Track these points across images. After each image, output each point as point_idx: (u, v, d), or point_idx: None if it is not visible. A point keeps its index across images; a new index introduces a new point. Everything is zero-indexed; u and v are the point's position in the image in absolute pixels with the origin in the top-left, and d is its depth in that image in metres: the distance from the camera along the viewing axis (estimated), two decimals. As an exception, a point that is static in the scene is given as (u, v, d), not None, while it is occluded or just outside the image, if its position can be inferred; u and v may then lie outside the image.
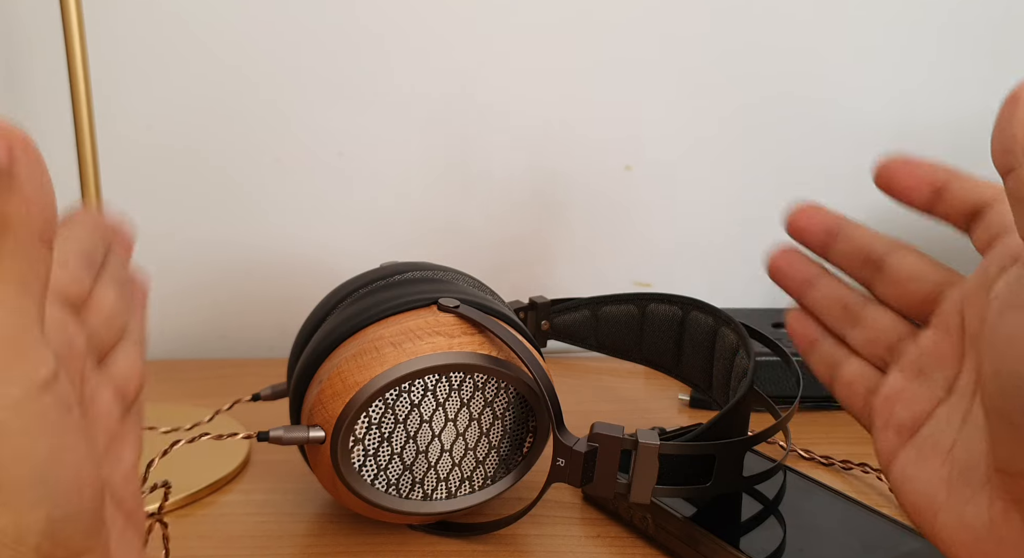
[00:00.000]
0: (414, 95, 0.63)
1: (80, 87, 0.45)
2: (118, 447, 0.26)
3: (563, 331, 0.54)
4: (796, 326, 0.35)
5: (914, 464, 0.28)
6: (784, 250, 0.35)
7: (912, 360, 0.30)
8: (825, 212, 0.34)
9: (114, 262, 0.29)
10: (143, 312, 0.31)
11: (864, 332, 0.32)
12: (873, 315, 0.32)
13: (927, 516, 0.26)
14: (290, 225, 0.65)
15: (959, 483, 0.25)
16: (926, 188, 0.29)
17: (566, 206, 0.66)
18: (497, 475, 0.38)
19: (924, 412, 0.28)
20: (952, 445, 0.26)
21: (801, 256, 0.35)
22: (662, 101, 0.65)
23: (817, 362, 0.34)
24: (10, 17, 0.60)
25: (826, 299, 0.34)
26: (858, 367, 0.32)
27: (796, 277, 0.34)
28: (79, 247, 0.26)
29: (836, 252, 0.33)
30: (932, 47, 0.65)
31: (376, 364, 0.35)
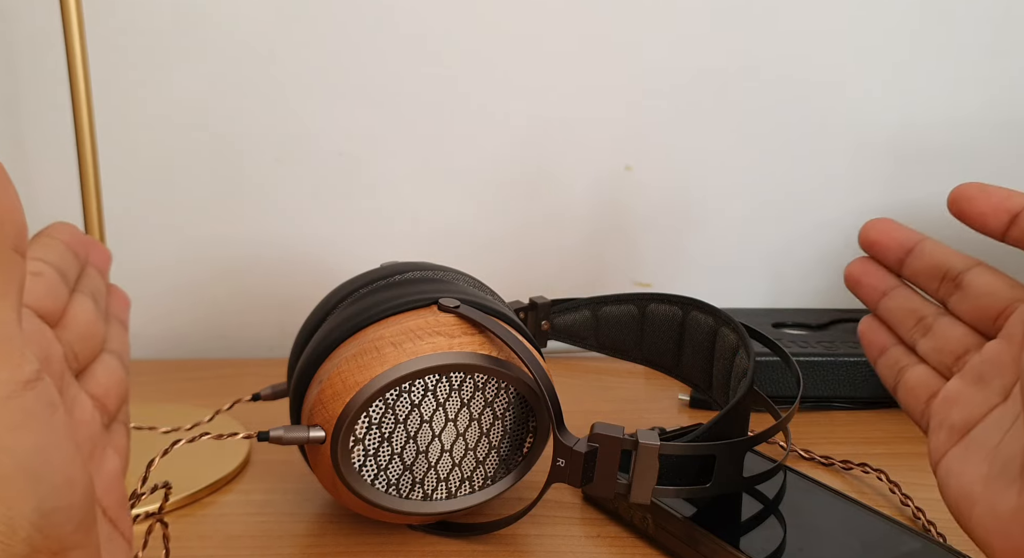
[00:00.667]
0: (414, 95, 0.63)
1: (80, 87, 0.45)
2: (100, 456, 0.26)
3: (563, 331, 0.54)
4: (868, 334, 0.37)
5: (959, 462, 0.29)
6: (862, 260, 0.36)
7: (974, 367, 0.31)
8: (901, 228, 0.35)
9: (91, 275, 0.30)
10: (124, 326, 0.32)
11: (934, 342, 0.33)
12: (944, 326, 0.33)
13: (964, 510, 0.28)
14: (290, 225, 0.65)
15: (996, 478, 0.27)
16: (1003, 215, 0.31)
17: (566, 206, 0.66)
18: (497, 475, 0.38)
19: (978, 415, 0.30)
20: (998, 444, 0.28)
21: (877, 266, 0.36)
22: (662, 101, 0.65)
23: (884, 367, 0.36)
24: (10, 17, 0.60)
25: (900, 309, 0.35)
26: (923, 373, 0.34)
27: (873, 286, 0.36)
28: (54, 260, 0.27)
29: (911, 268, 0.34)
30: (933, 47, 0.65)
31: (376, 364, 0.35)
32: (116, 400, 0.28)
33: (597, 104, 0.65)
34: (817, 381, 0.53)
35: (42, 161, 0.62)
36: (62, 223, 0.30)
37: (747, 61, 0.64)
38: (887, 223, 0.35)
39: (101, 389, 0.27)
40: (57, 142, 0.62)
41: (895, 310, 0.35)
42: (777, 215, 0.67)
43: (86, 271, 0.30)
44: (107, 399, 0.27)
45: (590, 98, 0.64)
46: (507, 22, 0.63)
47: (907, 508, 0.41)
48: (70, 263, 0.28)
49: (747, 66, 0.64)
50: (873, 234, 0.35)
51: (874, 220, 0.36)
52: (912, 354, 0.35)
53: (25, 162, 0.62)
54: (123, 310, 0.32)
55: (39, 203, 0.63)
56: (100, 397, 0.27)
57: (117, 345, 0.30)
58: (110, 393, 0.28)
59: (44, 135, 0.62)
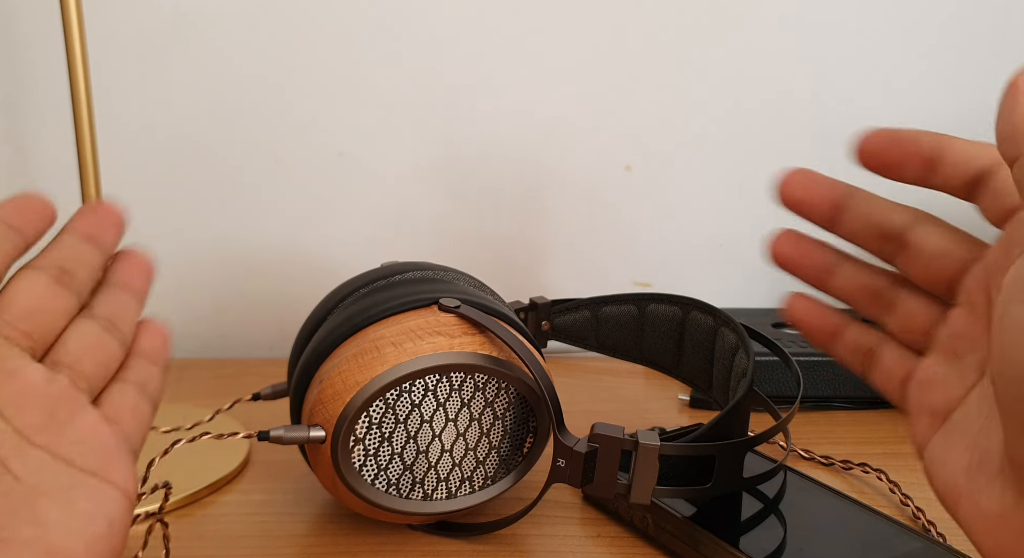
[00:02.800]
0: (414, 95, 0.63)
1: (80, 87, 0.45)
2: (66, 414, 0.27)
3: (563, 331, 0.55)
4: (809, 318, 0.32)
5: (942, 449, 0.27)
6: (787, 234, 0.31)
7: (944, 342, 0.28)
8: (825, 180, 0.31)
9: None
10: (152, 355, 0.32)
11: (899, 319, 0.30)
12: (905, 300, 0.29)
13: (951, 502, 0.26)
14: (290, 225, 0.65)
15: (977, 471, 0.25)
16: (918, 160, 0.27)
17: (566, 206, 0.66)
18: (497, 475, 0.38)
19: (957, 397, 0.27)
20: (977, 431, 0.26)
21: (810, 240, 0.31)
22: (662, 101, 0.65)
23: (845, 352, 0.31)
24: (10, 17, 0.60)
25: (851, 287, 0.30)
26: (894, 352, 0.30)
27: (811, 265, 0.31)
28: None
29: (845, 227, 0.30)
30: (929, 44, 0.65)
31: (377, 364, 0.35)
32: (91, 365, 0.28)
33: (597, 104, 0.65)
34: (817, 381, 0.53)
35: (42, 161, 0.62)
36: (22, 196, 0.30)
37: (745, 60, 0.64)
38: (807, 175, 0.31)
39: (71, 356, 0.28)
40: (57, 142, 0.62)
41: (845, 288, 0.30)
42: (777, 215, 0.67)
43: (53, 245, 0.30)
44: (80, 365, 0.28)
45: (590, 98, 0.64)
46: (508, 23, 0.63)
47: (907, 508, 0.41)
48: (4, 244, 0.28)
49: (745, 65, 0.64)
50: (798, 192, 0.30)
51: (791, 173, 0.31)
52: (873, 331, 0.31)
53: (25, 162, 0.62)
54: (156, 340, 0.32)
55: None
56: (71, 364, 0.28)
57: (105, 309, 0.30)
58: (83, 359, 0.28)
59: (44, 135, 0.62)
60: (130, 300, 0.31)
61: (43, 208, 0.30)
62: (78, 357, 0.28)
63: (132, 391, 0.30)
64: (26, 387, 0.26)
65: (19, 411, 0.26)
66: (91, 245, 0.31)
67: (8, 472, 0.25)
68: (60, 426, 0.26)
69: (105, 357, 0.29)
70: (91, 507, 0.26)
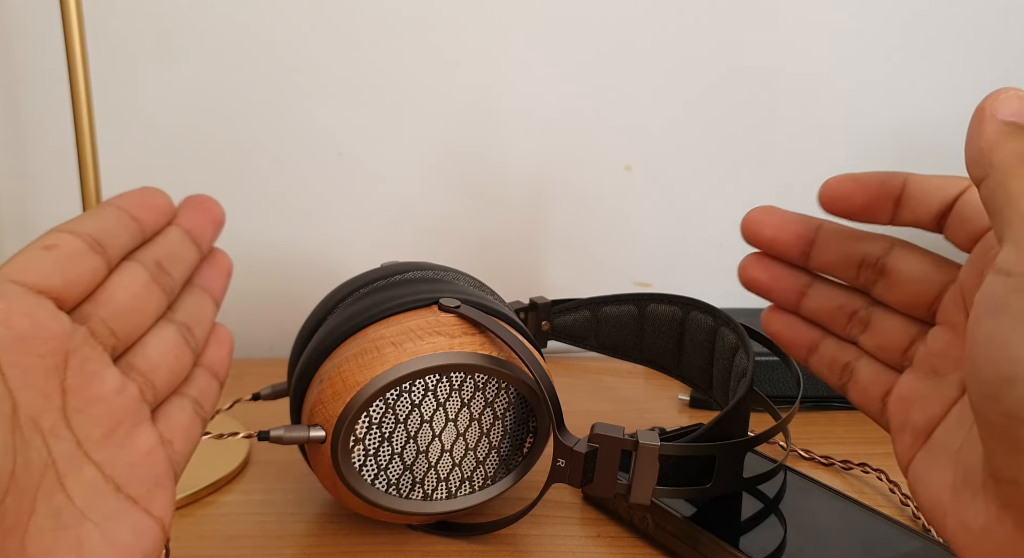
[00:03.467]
0: (414, 95, 0.63)
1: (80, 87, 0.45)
2: (126, 432, 0.26)
3: (563, 331, 0.55)
4: (785, 331, 0.32)
5: (926, 467, 0.27)
6: (758, 259, 0.32)
7: (924, 360, 0.29)
8: (792, 217, 0.30)
9: (163, 242, 0.29)
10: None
11: (875, 338, 0.30)
12: (881, 319, 0.30)
13: (938, 519, 0.26)
14: (290, 225, 0.65)
15: (962, 487, 0.25)
16: (887, 201, 0.28)
17: (566, 206, 0.66)
18: (497, 475, 0.38)
19: (938, 414, 0.27)
20: (959, 447, 0.26)
21: (779, 265, 0.31)
22: (662, 101, 0.65)
23: (821, 366, 0.32)
24: (10, 17, 0.60)
25: (825, 308, 0.31)
26: (871, 369, 0.30)
27: (782, 288, 0.31)
28: (88, 229, 0.26)
29: (818, 261, 0.30)
30: (929, 44, 0.65)
31: (377, 364, 0.35)
32: (166, 375, 0.27)
33: (597, 104, 0.65)
34: (817, 381, 0.53)
35: (42, 161, 0.62)
36: (145, 189, 0.29)
37: (745, 60, 0.64)
38: (774, 213, 0.30)
39: (148, 364, 0.27)
40: (57, 142, 0.62)
41: (819, 310, 0.31)
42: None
43: (157, 239, 0.28)
44: (154, 375, 0.27)
45: (590, 98, 0.64)
46: (508, 23, 0.63)
47: (907, 508, 0.41)
48: (118, 230, 0.27)
49: (745, 66, 0.64)
50: (767, 231, 0.30)
51: (756, 211, 0.30)
52: (850, 346, 0.31)
53: (25, 162, 0.62)
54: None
55: (39, 203, 0.63)
56: (146, 372, 0.27)
57: (186, 314, 0.29)
58: (158, 368, 0.27)
59: (44, 135, 0.62)
60: (209, 305, 0.30)
61: (163, 202, 0.29)
62: (155, 365, 0.27)
63: (190, 408, 0.28)
64: (101, 394, 0.25)
65: (86, 420, 0.25)
66: (191, 242, 0.29)
67: (63, 490, 0.24)
68: (119, 442, 0.25)
69: (179, 368, 0.28)
70: (132, 541, 0.25)
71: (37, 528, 0.23)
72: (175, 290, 0.29)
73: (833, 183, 0.29)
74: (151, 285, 0.27)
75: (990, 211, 0.23)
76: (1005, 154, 0.22)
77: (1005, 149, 0.23)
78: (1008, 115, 0.23)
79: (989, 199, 0.23)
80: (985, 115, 0.23)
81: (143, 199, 0.28)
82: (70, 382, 0.24)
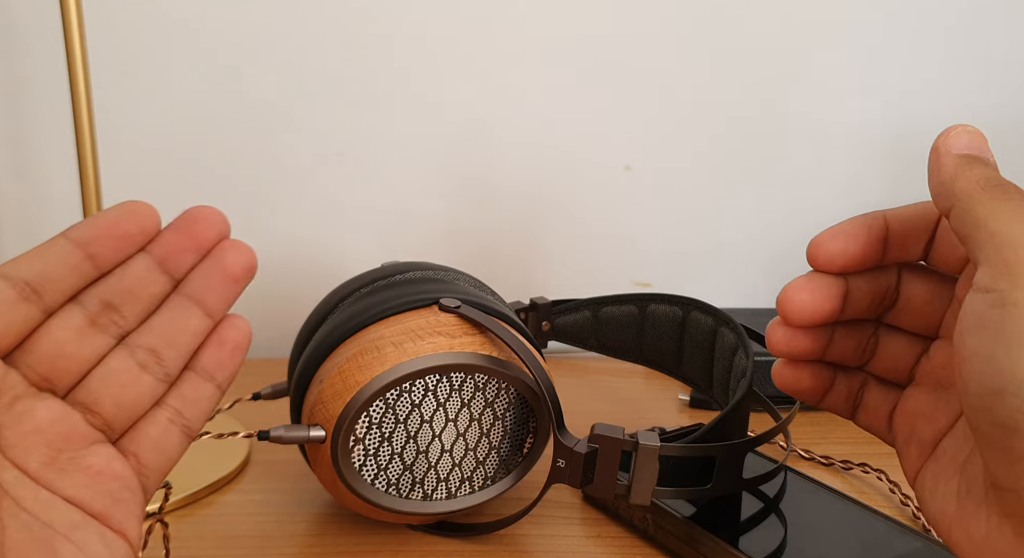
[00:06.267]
0: (414, 95, 0.63)
1: (80, 87, 0.45)
2: (76, 457, 0.26)
3: (564, 332, 0.55)
4: (799, 383, 0.31)
5: (933, 479, 0.27)
6: (786, 369, 0.31)
7: (928, 374, 0.29)
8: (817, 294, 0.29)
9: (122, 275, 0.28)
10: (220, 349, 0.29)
11: (883, 363, 0.31)
12: (887, 344, 0.30)
13: (944, 529, 0.26)
14: (290, 225, 0.65)
15: (966, 497, 0.26)
16: (877, 245, 0.28)
17: (567, 206, 0.66)
18: (497, 475, 0.38)
19: (944, 426, 0.28)
20: (966, 458, 0.26)
21: (807, 367, 0.31)
22: (662, 102, 0.65)
23: (836, 403, 0.32)
24: (10, 17, 0.60)
25: (843, 350, 0.31)
26: (877, 391, 0.31)
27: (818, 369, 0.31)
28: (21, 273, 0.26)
29: (851, 310, 0.30)
30: (930, 53, 0.65)
31: (377, 364, 0.35)
32: (110, 403, 0.27)
33: (597, 104, 0.65)
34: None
35: (42, 161, 0.62)
36: (119, 209, 0.28)
37: (747, 63, 0.64)
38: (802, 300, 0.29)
39: (90, 396, 0.27)
40: (57, 142, 0.62)
41: (839, 355, 0.31)
42: (777, 215, 0.67)
43: (114, 273, 0.28)
44: (97, 406, 0.27)
45: (590, 98, 0.64)
46: (508, 23, 0.63)
47: (907, 508, 0.41)
48: (62, 272, 0.27)
49: (746, 67, 0.64)
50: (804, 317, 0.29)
51: (787, 299, 0.29)
52: (856, 374, 0.31)
53: (25, 162, 0.62)
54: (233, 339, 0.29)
55: (39, 203, 0.63)
56: (88, 404, 0.27)
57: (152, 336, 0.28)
58: (100, 399, 0.27)
59: (44, 135, 0.62)
60: (195, 318, 0.29)
61: (134, 228, 0.28)
62: (97, 399, 0.27)
63: (162, 421, 0.28)
64: (34, 427, 0.26)
65: (23, 452, 0.25)
66: (159, 273, 0.29)
67: (24, 510, 0.25)
68: (62, 467, 0.26)
69: (132, 396, 0.28)
70: (103, 551, 0.25)
71: (13, 540, 0.24)
72: (128, 328, 0.28)
73: (823, 242, 0.29)
74: (87, 329, 0.27)
75: (961, 237, 0.24)
76: (964, 183, 0.24)
77: (964, 178, 0.25)
78: (961, 149, 0.26)
79: (959, 227, 0.24)
80: (940, 151, 0.26)
81: (107, 228, 0.28)
82: (2, 421, 0.25)
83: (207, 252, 0.30)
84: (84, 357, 0.27)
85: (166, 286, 0.29)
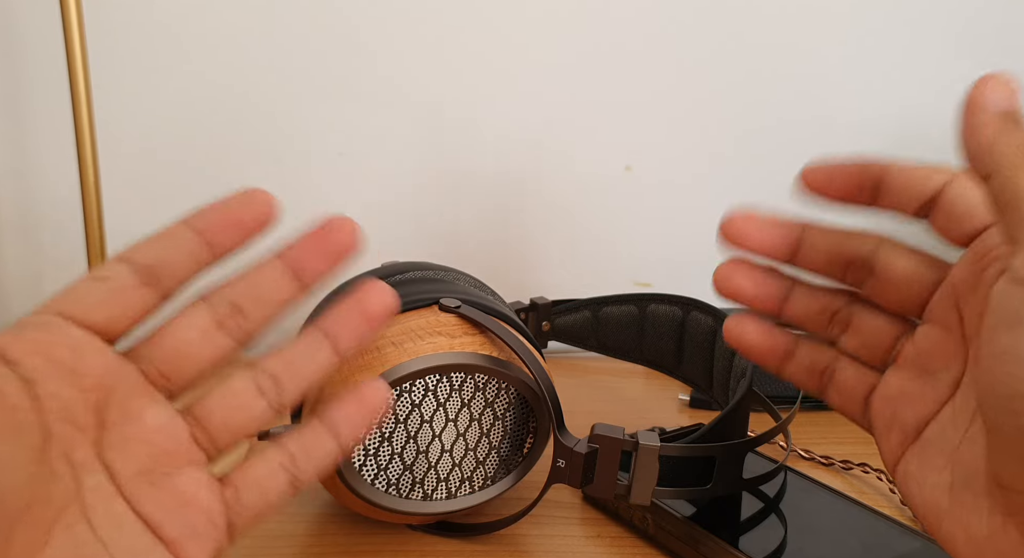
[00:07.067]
0: (414, 95, 0.63)
1: (80, 87, 0.45)
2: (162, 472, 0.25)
3: (564, 332, 0.55)
4: (759, 341, 0.30)
5: (918, 468, 0.26)
6: (736, 265, 0.30)
7: (912, 359, 0.28)
8: (772, 220, 0.29)
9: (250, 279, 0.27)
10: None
11: (857, 338, 0.29)
12: (864, 318, 0.29)
13: (932, 522, 0.25)
14: (290, 225, 0.65)
15: (961, 490, 0.25)
16: (868, 184, 0.27)
17: (566, 206, 0.66)
18: (497, 475, 0.38)
19: (930, 412, 0.27)
20: (957, 446, 0.25)
21: (759, 271, 0.29)
22: (662, 101, 0.65)
23: (797, 372, 0.30)
24: (10, 17, 0.60)
25: (808, 311, 0.29)
26: (852, 370, 0.29)
27: (766, 295, 0.29)
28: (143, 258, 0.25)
29: (805, 261, 0.29)
30: (933, 44, 0.65)
31: (377, 364, 0.35)
32: (221, 423, 0.26)
33: (597, 104, 0.65)
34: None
35: (42, 161, 0.62)
36: (240, 196, 0.27)
37: (747, 62, 0.64)
38: (752, 221, 0.29)
39: (204, 410, 0.26)
40: (57, 142, 0.62)
41: (801, 313, 0.29)
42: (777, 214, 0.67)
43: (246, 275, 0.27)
44: (208, 421, 0.26)
45: (590, 98, 0.64)
46: (508, 25, 0.63)
47: (907, 508, 0.41)
48: (179, 258, 0.26)
49: (747, 67, 0.64)
50: (753, 236, 0.29)
51: (734, 217, 0.28)
52: (826, 348, 0.30)
53: (25, 162, 0.62)
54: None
55: (39, 203, 0.63)
56: (200, 418, 0.26)
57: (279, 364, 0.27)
58: (213, 415, 0.26)
59: (44, 135, 0.62)
60: (323, 352, 0.28)
61: (252, 216, 0.27)
62: (209, 413, 0.26)
63: (272, 464, 0.26)
64: (141, 432, 0.24)
65: (120, 454, 0.24)
66: (292, 280, 0.27)
67: (86, 522, 0.23)
68: (154, 481, 0.24)
69: (244, 418, 0.26)
70: None
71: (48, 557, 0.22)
72: (253, 332, 0.27)
73: (813, 165, 0.28)
74: (212, 331, 0.26)
75: (999, 207, 0.22)
76: (1006, 148, 0.22)
77: (1006, 143, 0.22)
78: (1000, 104, 0.22)
79: (999, 197, 0.22)
80: (977, 106, 0.22)
81: (226, 215, 0.27)
82: (110, 417, 0.24)
83: (339, 261, 0.28)
84: (205, 359, 0.26)
85: (295, 294, 0.27)
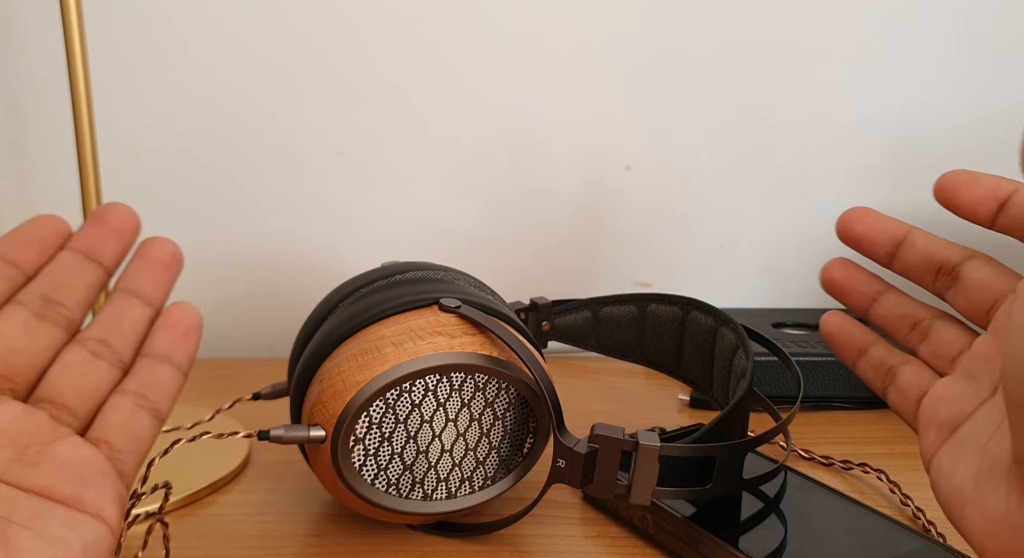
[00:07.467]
0: (414, 95, 0.63)
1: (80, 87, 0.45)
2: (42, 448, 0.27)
3: (564, 332, 0.54)
4: (839, 334, 0.34)
5: (950, 459, 0.28)
6: (842, 264, 0.34)
7: (965, 364, 0.30)
8: (885, 218, 0.33)
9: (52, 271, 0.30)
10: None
11: (931, 346, 0.32)
12: (940, 329, 0.32)
13: (956, 509, 0.27)
14: (290, 225, 0.65)
15: (986, 477, 0.26)
16: (992, 203, 0.29)
17: (566, 206, 0.66)
18: (497, 475, 0.38)
19: (966, 411, 0.29)
20: (987, 441, 0.27)
21: (859, 269, 0.34)
22: (663, 101, 0.65)
23: (867, 369, 0.34)
24: (10, 17, 0.60)
25: (892, 315, 0.33)
26: (914, 372, 0.32)
27: (858, 292, 0.34)
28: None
29: (903, 262, 0.32)
30: (934, 44, 0.65)
31: (377, 364, 0.35)
32: (74, 395, 0.28)
33: (597, 103, 0.65)
34: (817, 381, 0.53)
35: (42, 161, 0.62)
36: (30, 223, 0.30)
37: (748, 61, 0.64)
38: (869, 214, 0.33)
39: (53, 391, 0.28)
40: (57, 142, 0.62)
41: (887, 317, 0.33)
42: (777, 215, 0.67)
43: (43, 271, 0.30)
44: (62, 398, 0.28)
45: (590, 97, 0.64)
46: (508, 25, 0.63)
47: (907, 508, 0.41)
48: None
49: (748, 66, 0.64)
50: (858, 228, 0.33)
51: (853, 210, 0.33)
52: (896, 350, 0.33)
53: (25, 162, 0.62)
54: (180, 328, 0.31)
55: (39, 203, 0.63)
56: (52, 398, 0.28)
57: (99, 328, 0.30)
58: (64, 392, 0.28)
59: (44, 135, 0.62)
60: (135, 307, 0.31)
61: (48, 232, 0.30)
62: (60, 390, 0.28)
63: (126, 406, 0.29)
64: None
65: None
66: (86, 261, 0.30)
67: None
68: (31, 461, 0.26)
69: (91, 383, 0.29)
70: (65, 533, 0.25)
71: None
72: (75, 315, 0.30)
73: (950, 176, 0.30)
74: (33, 322, 0.29)
75: None
76: None
77: None
78: None
79: None
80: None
81: (22, 237, 0.29)
82: None
83: (126, 238, 0.31)
84: (37, 349, 0.28)
85: (99, 274, 0.30)
